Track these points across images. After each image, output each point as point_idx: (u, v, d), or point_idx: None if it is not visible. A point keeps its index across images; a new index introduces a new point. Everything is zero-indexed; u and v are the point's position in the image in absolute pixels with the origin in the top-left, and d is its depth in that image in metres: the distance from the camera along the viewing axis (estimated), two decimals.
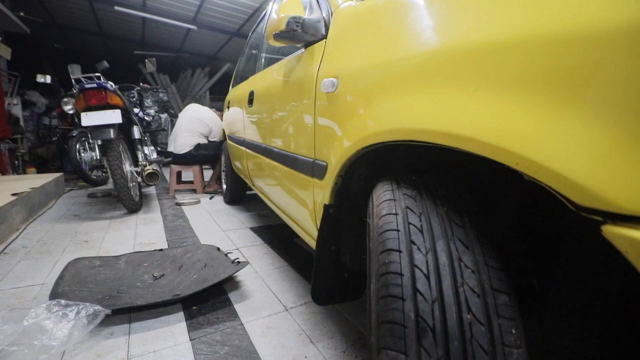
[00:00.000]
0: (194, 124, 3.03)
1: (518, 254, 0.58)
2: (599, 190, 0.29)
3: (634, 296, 0.44)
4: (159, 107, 4.20)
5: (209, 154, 3.05)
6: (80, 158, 2.74)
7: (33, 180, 2.69)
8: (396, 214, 0.50)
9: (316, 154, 0.88)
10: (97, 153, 2.64)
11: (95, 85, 2.13)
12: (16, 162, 3.92)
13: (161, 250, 1.60)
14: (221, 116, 3.05)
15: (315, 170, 0.86)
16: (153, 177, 2.43)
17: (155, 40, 6.57)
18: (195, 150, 3.00)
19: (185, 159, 3.05)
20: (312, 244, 0.96)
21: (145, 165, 2.53)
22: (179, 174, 3.23)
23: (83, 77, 2.23)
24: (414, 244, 0.45)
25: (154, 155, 2.93)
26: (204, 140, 3.06)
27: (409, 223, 0.47)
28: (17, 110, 4.22)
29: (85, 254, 1.60)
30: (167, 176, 3.35)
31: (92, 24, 5.78)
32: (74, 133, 2.75)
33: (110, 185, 3.35)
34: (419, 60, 0.53)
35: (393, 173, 0.63)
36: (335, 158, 0.75)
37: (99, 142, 2.24)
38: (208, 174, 3.49)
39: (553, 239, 0.53)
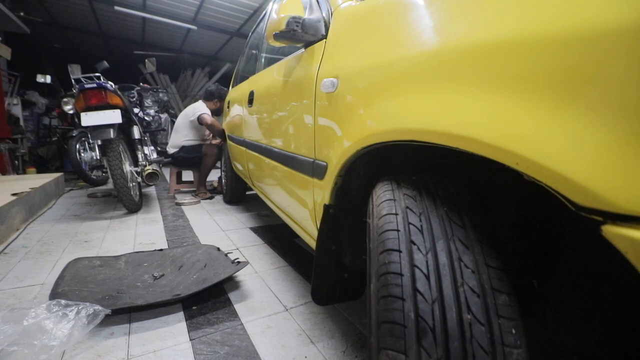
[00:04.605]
0: (178, 124, 3.00)
1: (518, 254, 0.58)
2: (599, 190, 0.29)
3: (634, 296, 0.44)
4: (159, 107, 4.19)
5: (187, 156, 2.96)
6: (80, 158, 2.74)
7: (33, 180, 2.69)
8: (396, 214, 0.50)
9: (316, 154, 0.88)
10: (97, 153, 2.65)
11: (95, 85, 2.13)
12: (16, 162, 3.92)
13: (161, 250, 1.60)
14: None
15: (315, 170, 0.86)
16: (153, 177, 2.43)
17: (155, 40, 6.56)
18: (177, 152, 2.97)
19: (173, 161, 3.04)
20: (312, 244, 0.96)
21: (145, 165, 2.53)
22: (179, 174, 3.22)
23: (83, 77, 2.23)
24: (414, 244, 0.45)
25: (154, 155, 2.93)
26: (189, 142, 2.96)
27: (409, 223, 0.47)
28: (17, 110, 4.21)
29: (85, 254, 1.59)
30: (167, 176, 3.35)
31: (92, 24, 5.77)
32: (74, 133, 2.75)
33: (110, 185, 3.35)
34: (419, 60, 0.53)
35: (393, 173, 0.62)
36: (335, 158, 0.75)
37: (99, 142, 2.24)
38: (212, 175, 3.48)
39: (553, 239, 0.53)
